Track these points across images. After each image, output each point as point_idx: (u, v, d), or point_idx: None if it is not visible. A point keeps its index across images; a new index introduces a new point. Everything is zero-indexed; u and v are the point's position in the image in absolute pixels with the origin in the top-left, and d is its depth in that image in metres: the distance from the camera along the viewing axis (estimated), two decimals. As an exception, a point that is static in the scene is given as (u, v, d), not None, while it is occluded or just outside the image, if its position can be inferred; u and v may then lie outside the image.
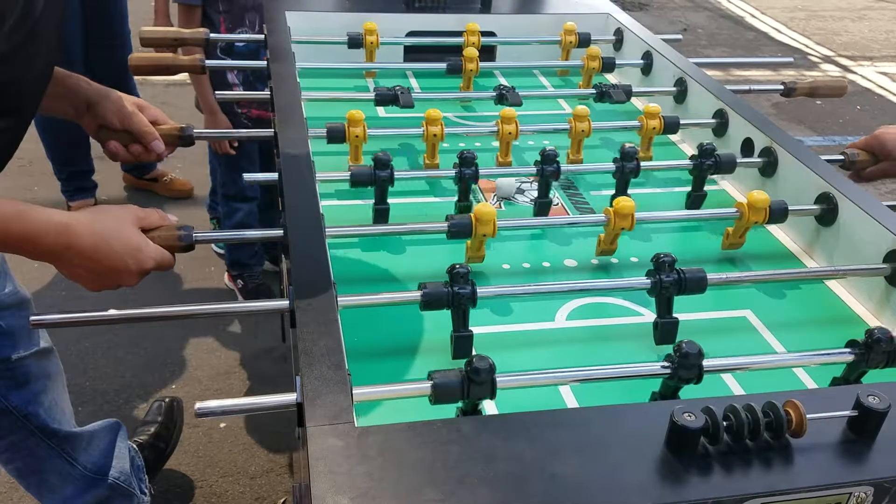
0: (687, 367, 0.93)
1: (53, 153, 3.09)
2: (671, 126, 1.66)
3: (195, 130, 1.37)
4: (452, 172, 1.42)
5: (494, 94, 1.78)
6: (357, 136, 1.51)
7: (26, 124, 1.13)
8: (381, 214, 1.39)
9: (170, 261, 1.06)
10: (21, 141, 1.16)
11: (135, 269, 1.01)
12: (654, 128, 1.64)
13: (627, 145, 1.46)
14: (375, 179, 1.36)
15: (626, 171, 1.46)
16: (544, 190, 1.45)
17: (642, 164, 1.47)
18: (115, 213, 1.01)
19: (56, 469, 1.62)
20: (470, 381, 0.87)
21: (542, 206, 1.46)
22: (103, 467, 1.69)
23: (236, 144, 2.52)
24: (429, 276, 1.21)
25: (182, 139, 1.34)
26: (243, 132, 1.85)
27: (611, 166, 1.48)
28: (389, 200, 1.40)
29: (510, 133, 1.58)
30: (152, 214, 1.06)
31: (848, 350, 1.00)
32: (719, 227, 1.41)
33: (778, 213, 1.34)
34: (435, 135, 1.54)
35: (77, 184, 3.18)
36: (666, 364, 0.95)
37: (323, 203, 1.24)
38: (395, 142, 1.68)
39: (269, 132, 1.45)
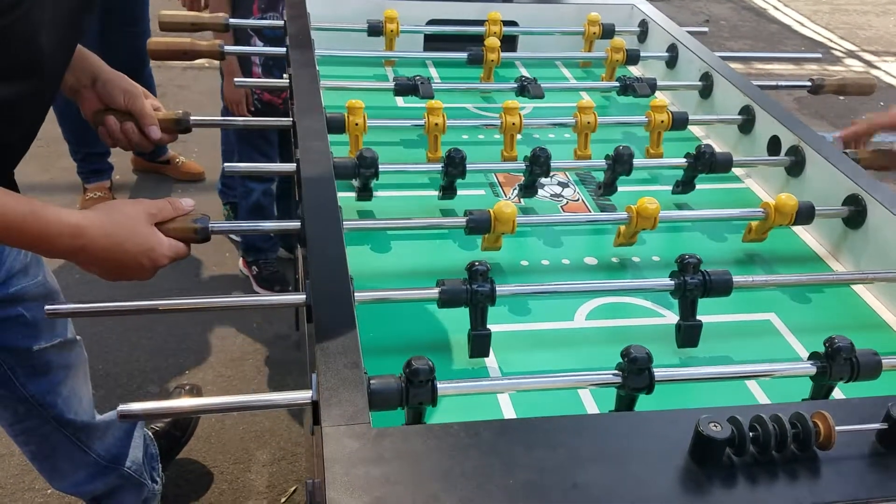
0: (636, 372, 0.91)
1: (70, 134, 3.09)
2: (679, 122, 1.63)
3: (193, 118, 1.34)
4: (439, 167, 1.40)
5: (516, 85, 1.76)
6: (357, 125, 1.48)
7: (52, 89, 1.11)
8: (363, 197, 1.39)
9: (185, 253, 1.05)
10: (49, 107, 1.13)
11: (149, 266, 1.00)
12: (662, 121, 1.61)
13: (622, 147, 1.43)
14: (358, 175, 1.34)
15: (617, 171, 1.43)
16: (530, 183, 1.44)
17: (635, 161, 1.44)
18: (128, 212, 1.00)
19: (69, 456, 1.62)
20: (409, 384, 0.84)
21: (526, 191, 1.46)
22: (118, 456, 1.69)
23: (252, 109, 2.52)
24: (444, 272, 1.19)
25: (178, 127, 1.31)
26: (259, 121, 1.83)
27: (602, 164, 1.45)
28: (396, 193, 1.39)
29: (514, 125, 1.55)
30: (165, 207, 1.04)
31: (810, 363, 0.97)
32: (742, 227, 1.38)
33: (805, 215, 1.31)
34: (437, 124, 1.51)
35: (93, 165, 3.18)
36: (616, 373, 0.92)
37: (340, 195, 1.22)
38: (414, 133, 1.66)
39: (287, 121, 1.44)
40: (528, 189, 1.45)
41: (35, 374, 1.46)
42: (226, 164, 1.31)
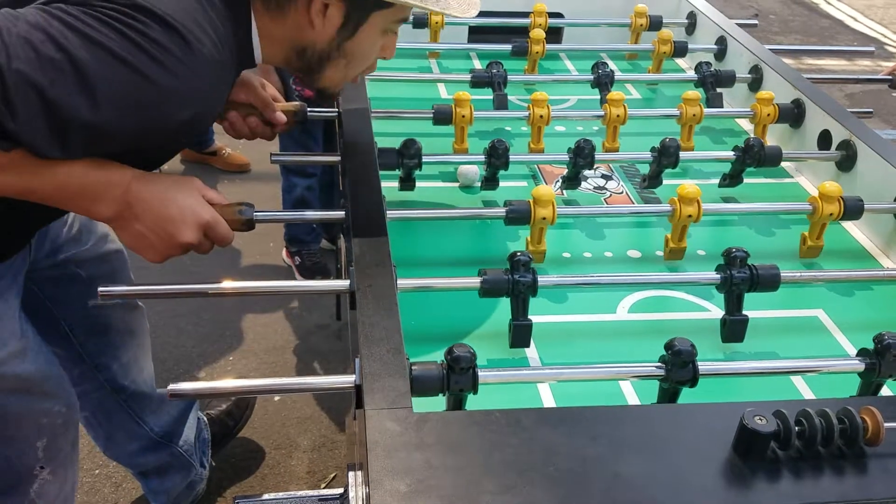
0: (680, 365, 0.90)
1: None
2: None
3: (310, 110, 1.36)
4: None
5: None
6: (463, 117, 1.50)
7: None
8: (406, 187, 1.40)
9: (226, 227, 1.05)
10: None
11: (191, 219, 0.99)
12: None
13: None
14: (402, 165, 1.35)
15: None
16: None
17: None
18: (177, 177, 1.03)
19: (122, 425, 1.64)
20: (450, 370, 0.85)
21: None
22: (171, 434, 1.71)
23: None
24: (486, 262, 1.19)
25: (296, 117, 1.34)
26: (316, 111, 1.84)
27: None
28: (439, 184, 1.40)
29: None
30: (213, 191, 1.06)
31: (858, 359, 0.95)
32: (790, 221, 1.36)
33: (853, 209, 1.28)
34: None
35: None
36: (659, 365, 0.92)
37: (383, 185, 1.23)
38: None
39: (333, 111, 1.45)
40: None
41: (94, 332, 1.49)
42: (272, 154, 1.31)
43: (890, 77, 1.87)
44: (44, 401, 1.28)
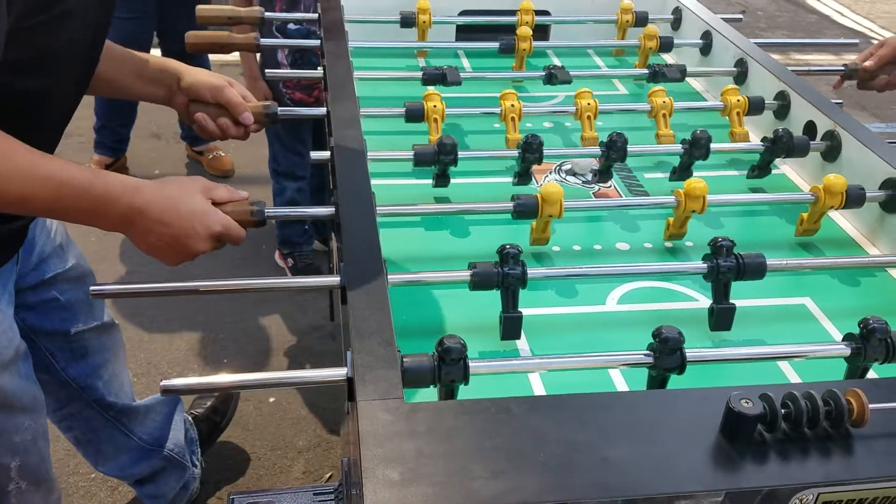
0: (668, 352, 0.91)
1: (100, 107, 3.21)
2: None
3: (280, 109, 1.36)
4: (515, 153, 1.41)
5: (543, 73, 1.75)
6: (436, 107, 1.52)
7: (71, 89, 1.12)
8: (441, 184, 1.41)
9: (238, 230, 1.05)
10: (65, 107, 1.14)
11: (203, 232, 1.00)
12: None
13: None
14: (438, 161, 1.36)
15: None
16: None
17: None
18: (183, 181, 1.04)
19: (112, 440, 1.65)
20: (441, 361, 0.86)
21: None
22: (159, 439, 1.72)
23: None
24: (478, 256, 1.20)
25: (267, 116, 1.34)
26: (303, 111, 1.85)
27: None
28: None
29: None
30: (220, 188, 1.07)
31: (844, 344, 0.97)
32: (783, 211, 1.38)
33: (855, 199, 1.29)
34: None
35: (106, 139, 3.28)
36: (648, 353, 0.93)
37: (373, 182, 1.24)
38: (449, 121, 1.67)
39: (321, 111, 1.46)
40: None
41: (74, 357, 1.50)
42: (312, 154, 1.31)
43: (843, 67, 1.86)
44: (18, 415, 1.28)
